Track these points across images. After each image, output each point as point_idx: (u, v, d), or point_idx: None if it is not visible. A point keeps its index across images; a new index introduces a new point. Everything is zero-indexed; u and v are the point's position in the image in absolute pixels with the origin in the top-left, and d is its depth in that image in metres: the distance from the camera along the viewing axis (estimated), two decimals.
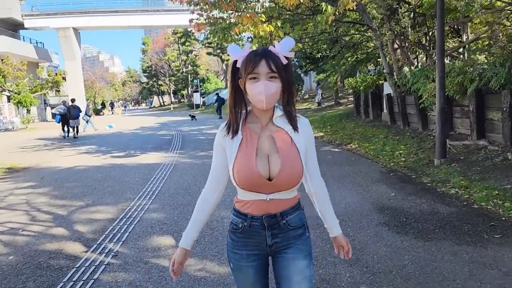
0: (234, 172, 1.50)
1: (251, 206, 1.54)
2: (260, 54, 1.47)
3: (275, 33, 8.79)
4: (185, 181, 6.87)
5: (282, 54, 1.49)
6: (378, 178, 6.23)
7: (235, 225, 1.60)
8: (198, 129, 18.14)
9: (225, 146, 1.56)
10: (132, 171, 8.16)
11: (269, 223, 1.54)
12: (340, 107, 19.65)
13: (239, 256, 1.60)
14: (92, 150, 12.39)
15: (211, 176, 1.66)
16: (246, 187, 1.51)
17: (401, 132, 9.84)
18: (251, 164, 1.47)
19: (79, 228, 4.62)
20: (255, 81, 1.46)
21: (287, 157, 1.49)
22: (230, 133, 1.54)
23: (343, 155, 8.58)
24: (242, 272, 1.62)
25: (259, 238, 1.57)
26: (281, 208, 1.54)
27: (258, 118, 1.56)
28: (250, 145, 1.51)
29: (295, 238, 1.59)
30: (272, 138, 1.52)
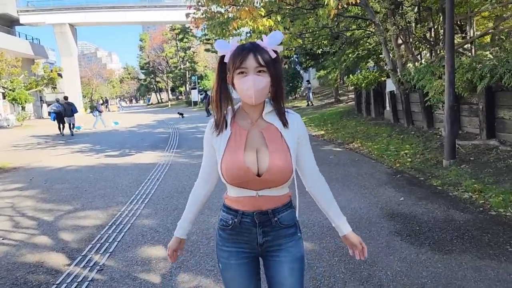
0: (222, 168, 1.48)
1: (241, 202, 1.51)
2: (248, 48, 1.43)
3: (275, 28, 8.42)
4: (180, 183, 6.52)
5: (271, 48, 1.45)
6: (384, 180, 5.89)
7: (225, 222, 1.56)
8: (195, 127, 17.77)
9: (213, 142, 1.55)
10: (125, 172, 7.81)
11: (260, 220, 1.50)
12: (340, 104, 19.31)
13: (228, 254, 1.56)
14: (85, 149, 12.02)
15: (201, 171, 1.67)
16: (234, 183, 1.48)
17: (405, 130, 9.50)
18: (239, 159, 1.44)
19: (64, 237, 4.27)
20: (243, 75, 1.43)
21: (276, 152, 1.45)
22: (217, 129, 1.52)
23: (345, 155, 8.24)
24: (231, 271, 1.57)
25: (250, 236, 1.53)
26: (273, 205, 1.51)
27: (247, 114, 1.53)
28: (238, 141, 1.48)
29: (286, 238, 1.54)
30: (262, 133, 1.49)
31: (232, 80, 1.47)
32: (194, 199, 1.69)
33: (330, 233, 3.85)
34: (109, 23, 39.29)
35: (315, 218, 4.28)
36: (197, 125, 18.59)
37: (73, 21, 36.86)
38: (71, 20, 36.53)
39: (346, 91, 22.82)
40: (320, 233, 3.90)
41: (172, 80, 55.31)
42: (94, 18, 37.16)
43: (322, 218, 4.28)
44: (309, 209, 4.56)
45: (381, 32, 9.89)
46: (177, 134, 14.81)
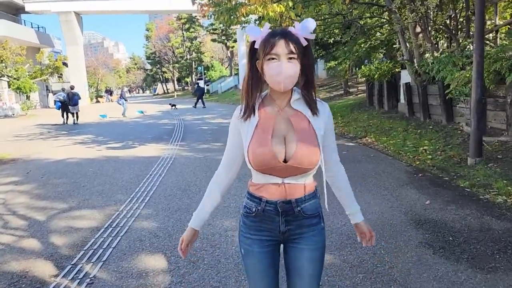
0: (249, 153, 1.47)
1: (265, 189, 1.51)
2: (279, 34, 1.42)
3: (286, 14, 7.92)
4: (184, 180, 6.09)
5: (302, 36, 1.44)
6: (405, 180, 5.42)
7: (248, 209, 1.57)
8: (201, 118, 17.33)
9: (240, 128, 1.53)
10: (127, 166, 7.40)
11: (283, 209, 1.50)
12: (350, 96, 18.74)
13: (251, 241, 1.57)
14: (88, 140, 11.65)
15: (224, 157, 1.63)
16: (260, 169, 1.47)
17: (422, 125, 8.99)
18: (267, 144, 1.44)
19: (54, 240, 3.86)
20: (273, 61, 1.41)
21: (304, 139, 1.45)
22: (245, 115, 1.50)
23: (359, 151, 7.76)
24: (253, 258, 1.58)
25: (273, 224, 1.53)
26: (297, 194, 1.51)
27: (275, 101, 1.51)
28: (266, 127, 1.47)
29: (309, 227, 1.55)
30: (289, 120, 1.48)
31: (262, 65, 1.45)
32: (214, 189, 1.64)
33: (351, 242, 3.41)
34: (114, 11, 38.71)
35: (332, 224, 3.84)
36: (203, 116, 18.16)
37: (79, 9, 36.35)
38: (76, 8, 36.02)
39: (355, 82, 22.20)
40: (339, 242, 3.46)
41: (178, 70, 54.79)
42: (99, 7, 36.62)
43: (340, 224, 3.84)
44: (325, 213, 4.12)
45: (398, 20, 9.33)
46: (182, 126, 14.38)
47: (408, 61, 9.64)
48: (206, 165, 7.06)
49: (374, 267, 2.97)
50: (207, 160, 7.58)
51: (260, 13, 7.80)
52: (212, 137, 10.77)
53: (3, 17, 31.96)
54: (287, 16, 8.05)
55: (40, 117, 24.25)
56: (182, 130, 12.93)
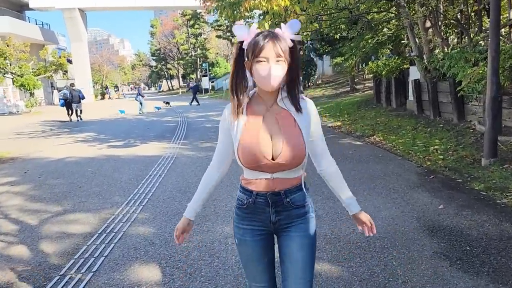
0: (238, 152, 1.54)
1: (255, 183, 1.57)
2: (267, 37, 1.46)
3: (291, 9, 7.64)
4: (185, 181, 5.87)
5: (288, 37, 1.49)
6: (416, 182, 5.15)
7: (240, 201, 1.65)
8: (204, 116, 17.11)
9: (229, 126, 1.59)
10: (126, 166, 7.19)
11: (273, 201, 1.57)
12: (356, 93, 18.43)
13: (244, 231, 1.64)
14: (89, 138, 11.47)
15: (216, 154, 1.71)
16: (250, 167, 1.53)
17: (432, 123, 8.69)
18: (255, 144, 1.50)
19: (44, 248, 3.65)
20: (262, 63, 1.46)
21: (290, 137, 1.51)
22: (234, 113, 1.55)
23: (367, 150, 7.48)
24: (246, 247, 1.65)
25: (263, 215, 1.60)
26: (285, 186, 1.57)
27: (263, 100, 1.56)
28: (254, 126, 1.52)
29: (298, 217, 1.61)
30: (276, 119, 1.53)
31: (250, 66, 1.50)
32: (206, 182, 1.73)
33: (360, 252, 3.16)
34: (119, 8, 38.57)
35: (339, 231, 3.59)
36: (206, 114, 17.94)
37: (83, 6, 36.24)
38: (80, 4, 35.90)
39: (362, 79, 21.87)
40: (347, 252, 3.21)
41: (183, 67, 54.56)
42: (104, 3, 36.48)
43: (348, 231, 3.59)
44: (331, 219, 3.88)
45: (407, 15, 9.02)
46: (185, 123, 14.16)
47: (417, 57, 9.33)
48: (208, 165, 6.81)
49: (386, 281, 2.72)
50: (209, 159, 7.23)
51: (264, 7, 7.53)
52: (215, 135, 10.43)
53: (7, 13, 31.91)
54: (292, 11, 7.77)
55: (44, 114, 24.16)
56: (185, 128, 12.71)
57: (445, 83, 8.54)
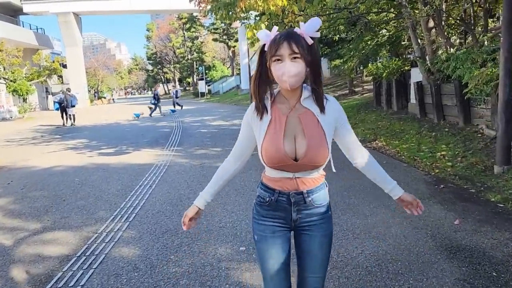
0: (262, 151, 1.56)
1: (278, 182, 1.60)
2: (283, 36, 1.48)
3: (289, 8, 7.27)
4: (177, 192, 5.47)
5: (308, 35, 1.48)
6: (425, 192, 4.77)
7: (262, 199, 1.66)
8: (200, 120, 16.72)
9: (253, 125, 1.62)
10: (116, 175, 6.79)
11: (295, 200, 1.60)
12: (355, 96, 18.08)
13: (264, 227, 1.66)
14: (80, 145, 11.05)
15: (235, 148, 1.72)
16: (273, 166, 1.56)
17: (436, 127, 8.32)
18: (279, 144, 1.52)
19: (15, 274, 3.24)
20: (278, 62, 1.48)
21: (313, 138, 1.52)
22: (258, 114, 1.58)
23: None
24: (266, 243, 1.66)
25: (285, 213, 1.63)
26: (308, 186, 1.60)
27: (286, 99, 1.58)
28: (278, 126, 1.54)
29: (318, 215, 1.65)
30: (299, 119, 1.54)
31: (269, 67, 1.52)
32: (221, 174, 1.74)
33: (372, 279, 2.78)
34: (113, 11, 38.17)
35: (346, 253, 3.21)
36: (202, 118, 17.56)
37: (77, 10, 35.86)
38: (75, 9, 35.52)
39: (360, 81, 21.53)
40: (357, 279, 2.82)
41: (179, 71, 54.23)
42: (98, 7, 36.10)
43: (356, 252, 3.21)
44: (337, 237, 3.49)
45: (409, 15, 8.67)
46: (181, 129, 13.77)
47: (419, 58, 8.98)
48: (202, 174, 6.43)
49: None
50: (203, 168, 6.96)
51: (261, 7, 7.16)
52: (211, 142, 10.15)
53: (0, 18, 31.49)
54: (290, 11, 7.40)
55: (38, 119, 23.73)
56: (180, 134, 12.31)
57: (450, 85, 8.18)
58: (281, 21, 8.60)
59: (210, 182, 1.75)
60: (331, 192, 1.78)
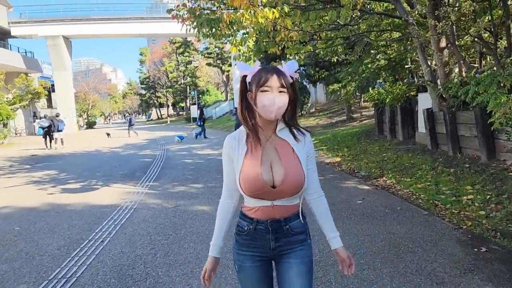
0: (240, 180, 1.61)
1: (257, 211, 1.63)
2: (272, 69, 1.60)
3: (280, 22, 6.19)
4: (132, 252, 4.17)
5: (288, 73, 1.61)
6: (463, 259, 3.51)
7: (241, 228, 1.69)
8: (187, 149, 15.48)
9: (232, 156, 1.66)
10: (67, 223, 5.48)
11: (273, 228, 1.63)
12: (354, 123, 17.02)
13: (243, 257, 1.67)
14: (46, 179, 9.73)
15: (225, 187, 1.75)
16: (251, 194, 1.60)
17: (453, 161, 7.14)
18: (256, 172, 1.56)
19: None
20: (266, 93, 1.56)
21: (289, 165, 1.58)
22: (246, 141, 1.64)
23: (379, 199, 5.87)
24: (246, 273, 1.68)
25: (263, 241, 1.65)
26: (285, 214, 1.63)
27: (262, 130, 1.64)
28: (254, 156, 1.60)
29: (297, 243, 1.66)
30: (275, 148, 1.62)
31: (254, 97, 1.59)
32: (223, 215, 1.76)
33: None
34: (105, 35, 37.48)
35: None
36: (190, 146, 16.33)
37: (67, 33, 35.08)
38: (65, 32, 34.75)
39: (358, 107, 20.54)
40: None
41: (172, 95, 53.37)
42: (89, 30, 35.38)
43: None
44: None
45: (417, 34, 7.63)
46: (163, 158, 12.50)
47: (430, 82, 7.89)
48: (172, 224, 5.14)
49: None
50: (175, 213, 5.67)
51: (248, 21, 6.06)
52: (193, 176, 8.87)
53: None
54: (282, 26, 6.31)
55: (18, 145, 22.41)
56: (161, 165, 11.04)
57: (468, 113, 7.07)
58: (272, 39, 7.53)
59: (216, 227, 1.75)
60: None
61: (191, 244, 4.31)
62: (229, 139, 1.68)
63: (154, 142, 19.98)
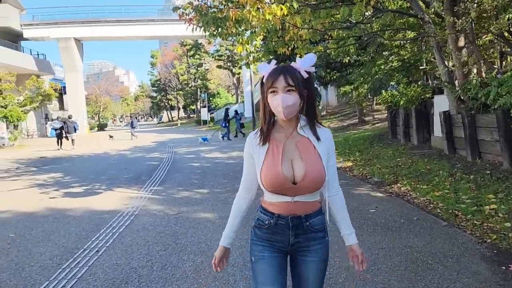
0: (261, 176, 1.64)
1: (278, 207, 1.66)
2: (279, 69, 1.61)
3: (289, 20, 5.88)
4: (127, 265, 3.88)
5: (303, 69, 1.62)
6: (491, 280, 3.14)
7: (261, 221, 1.72)
8: (195, 152, 15.23)
9: (253, 153, 1.70)
10: (64, 230, 5.23)
11: (293, 224, 1.66)
12: (366, 126, 16.59)
13: (262, 247, 1.70)
14: (50, 182, 9.55)
15: (242, 182, 1.80)
16: (273, 190, 1.63)
17: (473, 167, 6.73)
18: (278, 168, 1.60)
19: None
20: (274, 94, 1.61)
21: (310, 162, 1.61)
22: (260, 140, 1.68)
23: (394, 208, 5.50)
24: (263, 263, 1.69)
25: (283, 236, 1.68)
26: (306, 210, 1.66)
27: (283, 128, 1.69)
28: (276, 153, 1.63)
29: (315, 240, 1.69)
30: (296, 145, 1.65)
31: (266, 98, 1.65)
32: (237, 210, 1.81)
33: None
34: (116, 37, 37.60)
35: None
36: (198, 149, 16.08)
37: (79, 36, 35.26)
38: (76, 34, 34.93)
39: (370, 110, 20.08)
40: None
41: (183, 98, 53.37)
42: (100, 32, 35.52)
43: None
44: None
45: (433, 32, 7.25)
46: (170, 161, 12.26)
47: (448, 83, 7.49)
48: (173, 232, 4.85)
49: None
50: (177, 221, 5.37)
51: (255, 18, 5.76)
52: (199, 180, 8.58)
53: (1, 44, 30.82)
54: (291, 23, 6.00)
55: (29, 147, 22.49)
56: (167, 168, 10.79)
57: (489, 116, 6.66)
58: (281, 38, 7.22)
59: (229, 220, 1.80)
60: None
61: (190, 255, 4.00)
62: (251, 137, 1.73)
63: (163, 144, 19.79)
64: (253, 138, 1.71)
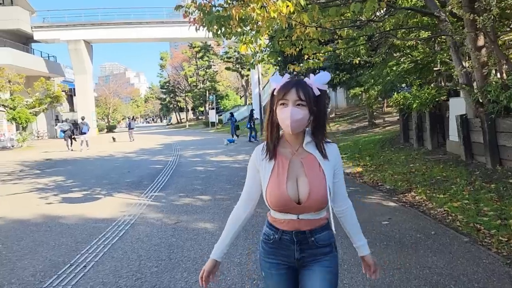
0: (267, 195, 1.63)
1: (283, 223, 1.65)
2: (292, 83, 1.60)
3: (296, 18, 5.50)
4: (115, 283, 3.53)
5: (316, 86, 1.60)
6: None
7: (267, 236, 1.71)
8: (201, 154, 14.90)
9: (259, 168, 1.68)
10: (54, 241, 4.92)
11: (298, 239, 1.64)
12: (376, 129, 16.11)
13: (270, 264, 1.70)
14: (51, 185, 9.30)
15: (243, 194, 1.76)
16: (277, 209, 1.63)
17: (494, 175, 6.26)
18: (282, 189, 1.58)
19: None
20: (284, 106, 1.58)
21: (314, 182, 1.59)
22: (266, 156, 1.66)
23: (408, 220, 5.07)
24: (272, 280, 1.70)
25: (288, 251, 1.66)
26: (311, 226, 1.64)
27: (289, 144, 1.67)
28: (281, 170, 1.61)
29: (322, 255, 1.67)
30: (301, 163, 1.62)
31: (275, 110, 1.62)
32: (234, 222, 1.76)
33: None
34: (125, 39, 37.52)
35: None
36: (204, 152, 15.75)
37: (89, 38, 35.24)
38: (86, 36, 34.93)
39: (381, 113, 19.58)
40: None
41: (192, 99, 53.23)
42: (110, 35, 35.48)
43: None
44: None
45: (450, 31, 6.81)
46: (175, 165, 11.94)
47: (466, 85, 7.03)
48: (168, 245, 4.50)
49: None
50: (175, 232, 5.02)
51: (260, 16, 5.40)
52: (202, 185, 8.23)
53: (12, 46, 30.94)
54: (298, 22, 5.62)
55: (38, 148, 22.43)
56: (171, 172, 10.46)
57: (511, 120, 6.19)
58: (288, 38, 6.84)
59: (224, 231, 1.75)
60: None
61: (184, 274, 3.65)
62: (258, 151, 1.71)
63: (169, 147, 19.51)
64: (260, 154, 1.69)
